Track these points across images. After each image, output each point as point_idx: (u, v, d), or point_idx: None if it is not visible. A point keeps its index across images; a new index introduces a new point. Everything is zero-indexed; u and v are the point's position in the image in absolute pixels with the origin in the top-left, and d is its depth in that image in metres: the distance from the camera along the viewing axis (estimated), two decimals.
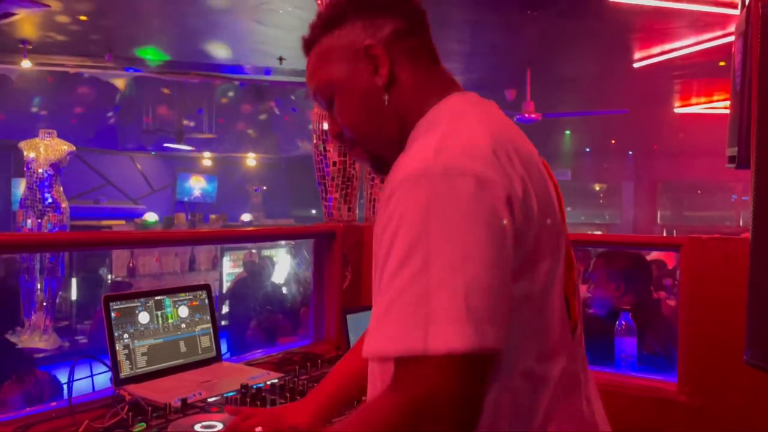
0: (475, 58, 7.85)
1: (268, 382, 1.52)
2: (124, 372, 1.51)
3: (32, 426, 1.30)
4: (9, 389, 2.84)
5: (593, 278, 2.45)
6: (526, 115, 7.97)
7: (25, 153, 6.28)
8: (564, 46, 7.07)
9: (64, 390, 3.02)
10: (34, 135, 6.43)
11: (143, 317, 1.59)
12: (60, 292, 6.51)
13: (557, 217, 0.84)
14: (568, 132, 12.94)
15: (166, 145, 10.88)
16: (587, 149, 14.70)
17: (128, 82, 8.58)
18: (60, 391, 3.02)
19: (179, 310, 1.67)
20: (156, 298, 1.64)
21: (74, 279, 6.92)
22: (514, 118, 8.31)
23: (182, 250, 7.64)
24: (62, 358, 5.36)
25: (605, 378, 1.79)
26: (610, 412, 0.98)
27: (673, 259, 4.68)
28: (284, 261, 7.85)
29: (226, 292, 7.11)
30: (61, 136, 6.49)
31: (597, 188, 16.77)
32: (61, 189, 6.36)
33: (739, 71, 1.34)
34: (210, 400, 1.41)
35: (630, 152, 14.80)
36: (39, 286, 6.19)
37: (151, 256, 7.49)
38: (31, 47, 7.10)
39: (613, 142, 13.56)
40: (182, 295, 1.70)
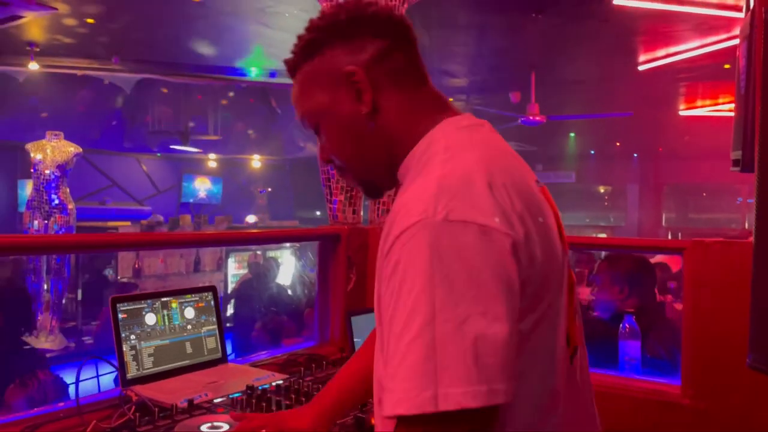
0: (480, 61, 7.86)
1: (273, 384, 1.53)
2: (131, 373, 1.52)
3: (40, 426, 1.31)
4: (12, 393, 2.86)
5: (597, 281, 2.46)
6: (531, 118, 7.97)
7: (32, 154, 6.32)
8: (568, 48, 7.06)
9: (68, 391, 3.05)
10: (40, 136, 6.47)
11: (150, 318, 1.60)
12: (66, 293, 6.54)
13: (558, 249, 0.81)
14: (572, 134, 12.92)
15: (171, 146, 10.93)
16: (592, 151, 14.67)
17: (134, 84, 8.61)
18: (63, 392, 3.03)
19: (185, 311, 1.69)
20: (162, 299, 1.65)
21: (80, 280, 6.94)
22: (519, 121, 8.32)
23: (187, 251, 7.66)
24: (68, 359, 5.38)
25: (609, 381, 1.79)
26: (614, 414, 0.99)
27: (676, 262, 4.67)
28: (289, 262, 7.86)
29: (230, 293, 7.12)
30: (67, 137, 6.53)
31: (602, 190, 16.72)
32: (68, 190, 6.39)
33: (743, 75, 1.34)
34: (216, 401, 1.41)
35: (635, 154, 14.76)
36: (45, 287, 6.23)
37: (156, 257, 7.52)
38: (38, 49, 7.14)
39: (618, 144, 13.53)
40: (188, 296, 1.71)
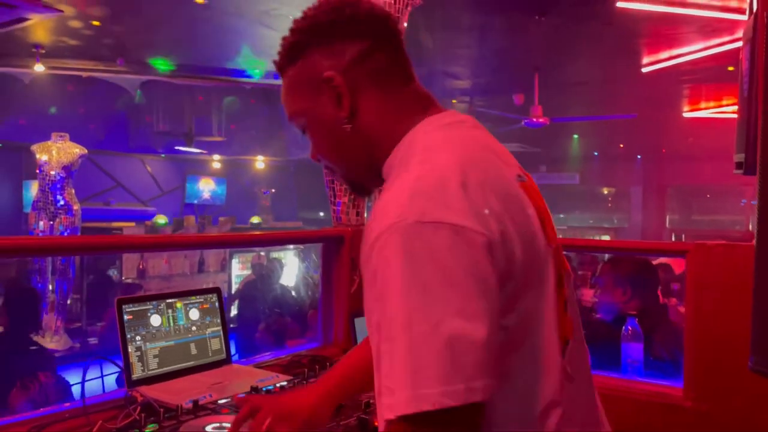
0: (483, 63, 7.86)
1: (277, 385, 1.54)
2: (137, 374, 1.53)
3: (46, 426, 1.32)
4: (14, 396, 2.87)
5: (600, 283, 2.47)
6: (534, 120, 7.96)
7: (37, 156, 6.34)
8: (572, 50, 7.06)
9: (70, 392, 3.06)
10: (45, 138, 6.50)
11: (155, 320, 1.61)
12: (71, 294, 6.56)
13: (541, 244, 0.81)
14: (576, 136, 12.90)
15: (176, 147, 10.95)
16: (595, 153, 14.65)
17: (139, 85, 8.64)
18: (65, 394, 3.04)
19: (190, 312, 1.70)
20: (168, 301, 1.66)
21: (84, 281, 6.96)
22: (522, 123, 8.32)
23: (191, 252, 7.67)
24: (73, 360, 5.40)
25: (612, 383, 1.80)
26: (616, 416, 0.99)
27: (679, 263, 4.66)
28: (292, 263, 7.88)
29: (234, 294, 7.13)
30: (72, 138, 6.56)
31: (605, 192, 16.70)
32: (73, 191, 6.41)
33: (746, 77, 1.34)
34: (220, 401, 1.42)
35: (638, 156, 14.74)
36: (50, 287, 6.25)
37: (160, 258, 7.54)
38: (44, 51, 7.17)
39: (621, 146, 13.51)
40: (193, 298, 1.72)
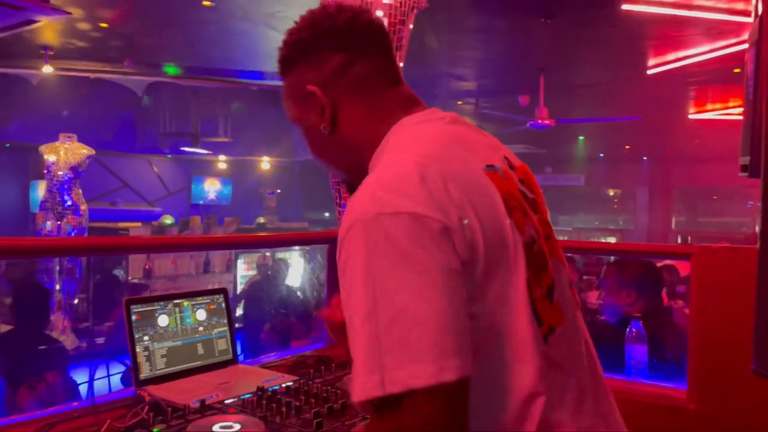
0: (489, 65, 7.86)
1: (283, 385, 1.54)
2: (144, 373, 1.54)
3: (56, 425, 1.33)
4: (21, 396, 2.91)
5: (604, 285, 2.47)
6: (539, 121, 7.96)
7: (45, 156, 6.39)
8: (577, 52, 7.06)
9: (77, 392, 3.09)
10: (53, 138, 6.54)
11: (162, 320, 1.62)
12: (78, 294, 6.60)
13: (508, 233, 0.81)
14: (581, 137, 12.88)
15: (182, 148, 11.00)
16: (601, 155, 14.62)
17: (146, 87, 8.69)
18: (73, 393, 3.07)
19: (197, 313, 1.71)
20: (175, 301, 1.67)
21: (91, 281, 7.00)
22: (527, 124, 8.32)
23: (197, 252, 7.71)
24: (79, 359, 5.43)
25: (615, 385, 1.79)
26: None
27: (685, 265, 4.65)
28: (298, 264, 7.89)
29: (240, 294, 7.15)
30: (79, 139, 6.60)
31: (611, 193, 16.67)
32: (81, 192, 6.46)
33: (751, 80, 1.35)
34: (227, 401, 1.43)
35: (644, 158, 14.70)
36: (57, 287, 6.29)
37: (166, 259, 7.58)
38: (52, 53, 7.21)
39: (627, 147, 13.47)
40: (200, 298, 1.73)
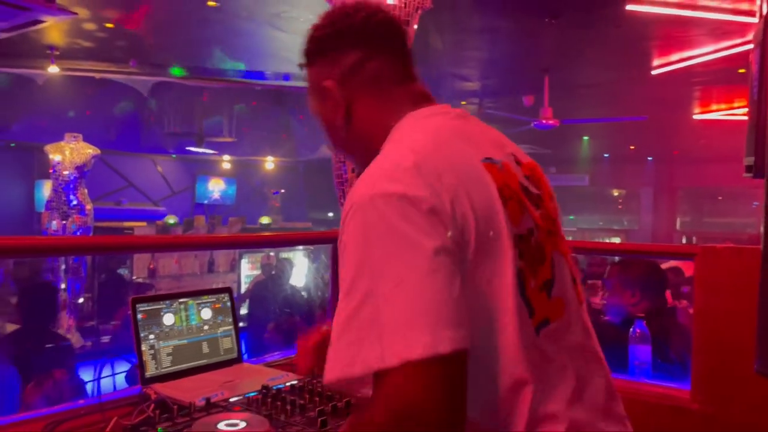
0: (493, 65, 7.86)
1: (287, 383, 1.55)
2: (150, 371, 1.56)
3: (62, 422, 1.34)
4: (29, 393, 2.93)
5: (608, 285, 2.47)
6: (544, 122, 7.95)
7: (51, 156, 6.42)
8: (582, 53, 7.05)
9: (84, 390, 3.11)
10: (58, 138, 6.57)
11: (168, 319, 1.64)
12: (83, 293, 6.63)
13: (500, 224, 0.83)
14: (586, 138, 12.86)
15: (187, 148, 11.03)
16: (606, 155, 14.58)
17: (151, 86, 8.72)
18: (80, 391, 3.09)
19: (202, 312, 1.72)
20: (180, 300, 1.68)
21: (96, 280, 7.03)
22: (532, 124, 8.31)
23: (201, 252, 7.72)
24: (85, 358, 5.44)
25: (619, 385, 1.79)
26: None
27: (690, 266, 4.64)
28: (302, 264, 7.91)
29: (244, 294, 7.17)
30: (84, 138, 6.63)
31: (615, 194, 16.63)
32: (86, 191, 6.48)
33: (756, 81, 1.35)
34: (232, 399, 1.44)
35: (649, 158, 14.65)
36: (63, 286, 6.32)
37: (171, 258, 7.60)
38: (58, 53, 7.24)
39: (632, 147, 13.44)
40: (205, 297, 1.74)
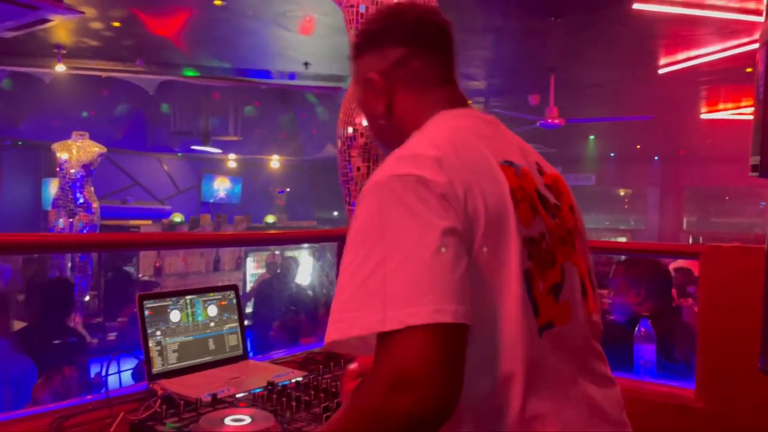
0: (499, 64, 7.85)
1: (293, 380, 1.56)
2: (157, 367, 1.57)
3: (70, 417, 1.36)
4: (38, 389, 2.96)
5: (613, 285, 2.47)
6: (550, 121, 7.94)
7: (57, 154, 6.45)
8: (588, 51, 7.03)
9: (94, 384, 3.14)
10: (65, 136, 6.61)
11: (174, 316, 1.65)
12: (90, 290, 6.66)
13: (509, 224, 0.87)
14: (592, 137, 12.83)
15: (192, 147, 11.06)
16: (612, 154, 14.54)
17: (158, 85, 8.76)
18: (87, 387, 3.11)
19: (208, 309, 1.73)
20: (187, 297, 1.70)
21: (102, 278, 7.06)
22: (537, 124, 8.30)
23: (207, 250, 7.76)
24: (91, 354, 5.47)
25: (624, 384, 1.80)
26: (628, 417, 1.01)
27: (696, 266, 4.62)
28: (307, 262, 7.92)
29: (249, 292, 7.19)
30: (91, 137, 6.66)
31: (622, 193, 16.58)
32: (92, 189, 6.51)
33: (762, 80, 1.35)
34: (238, 396, 1.46)
35: (656, 157, 14.60)
36: None
37: (176, 256, 7.63)
38: (65, 52, 7.28)
39: (638, 147, 13.39)
40: (211, 295, 1.76)
